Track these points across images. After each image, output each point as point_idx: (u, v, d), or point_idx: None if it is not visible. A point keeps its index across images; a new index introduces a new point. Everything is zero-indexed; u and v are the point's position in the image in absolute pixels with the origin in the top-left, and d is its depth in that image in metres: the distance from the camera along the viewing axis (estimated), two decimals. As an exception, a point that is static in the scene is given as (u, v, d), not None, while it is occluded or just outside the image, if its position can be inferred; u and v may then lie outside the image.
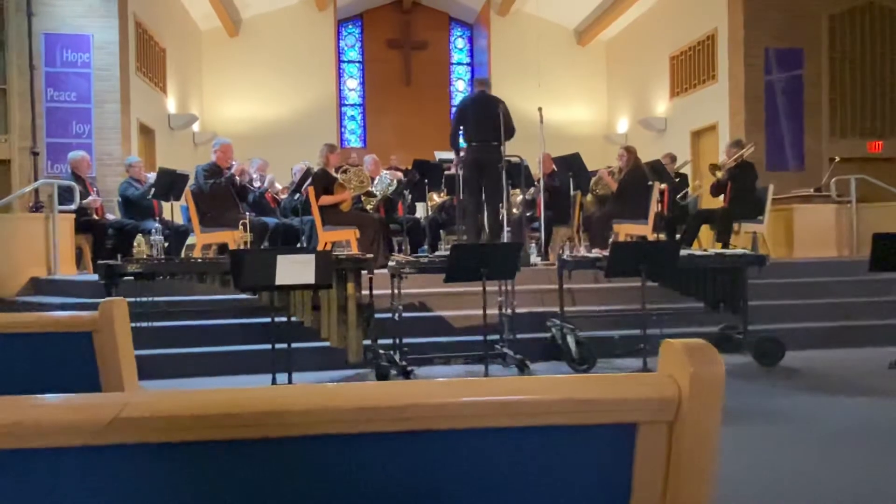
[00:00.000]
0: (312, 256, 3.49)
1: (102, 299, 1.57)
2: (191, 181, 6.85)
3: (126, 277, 4.27)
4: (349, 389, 0.75)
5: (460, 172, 6.45)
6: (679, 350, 0.76)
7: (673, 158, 8.47)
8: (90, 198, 6.78)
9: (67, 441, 0.68)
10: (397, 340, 4.39)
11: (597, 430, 0.76)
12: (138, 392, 0.97)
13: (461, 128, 6.42)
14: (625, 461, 0.77)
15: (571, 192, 7.06)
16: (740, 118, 9.20)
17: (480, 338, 4.28)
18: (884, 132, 9.50)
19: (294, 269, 3.45)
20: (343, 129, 13.59)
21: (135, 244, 6.83)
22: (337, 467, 0.74)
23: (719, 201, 7.43)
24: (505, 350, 4.59)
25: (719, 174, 7.04)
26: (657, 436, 0.77)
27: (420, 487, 0.75)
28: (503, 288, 4.75)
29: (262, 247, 6.44)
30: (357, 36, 13.78)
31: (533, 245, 7.09)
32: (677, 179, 8.19)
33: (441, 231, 7.81)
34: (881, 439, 3.14)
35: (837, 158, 8.32)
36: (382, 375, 4.27)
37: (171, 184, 6.66)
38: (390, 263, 4.47)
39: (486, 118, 6.19)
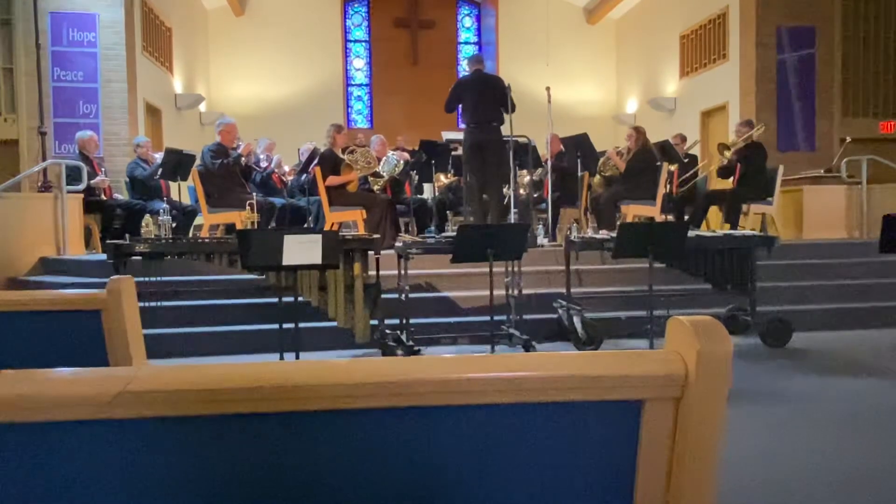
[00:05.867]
0: (319, 237, 3.49)
1: (110, 278, 1.58)
2: (197, 161, 6.85)
3: (134, 257, 4.29)
4: (356, 365, 0.75)
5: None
6: (686, 327, 0.75)
7: (683, 139, 8.40)
8: (98, 178, 6.80)
9: (74, 414, 0.68)
10: (404, 320, 4.40)
11: (603, 406, 0.76)
12: (145, 367, 0.97)
13: (459, 106, 6.34)
14: (630, 437, 0.77)
15: (579, 173, 7.02)
16: (751, 98, 9.09)
17: (487, 318, 4.29)
18: (896, 112, 9.37)
19: (301, 250, 3.45)
20: (350, 110, 13.53)
21: (143, 224, 6.85)
22: (343, 442, 0.74)
23: (728, 182, 7.37)
24: (511, 330, 4.59)
25: (728, 154, 6.98)
26: (663, 412, 0.77)
27: (426, 462, 0.75)
28: (510, 269, 4.75)
29: (269, 227, 6.45)
30: (364, 15, 13.66)
31: (540, 226, 7.07)
32: (686, 160, 8.13)
33: (448, 212, 7.79)
34: (889, 421, 3.14)
35: (849, 139, 8.22)
36: (389, 355, 4.29)
37: (178, 164, 6.67)
38: (397, 244, 4.47)
39: (484, 99, 6.10)
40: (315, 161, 6.67)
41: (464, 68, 13.86)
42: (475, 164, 6.17)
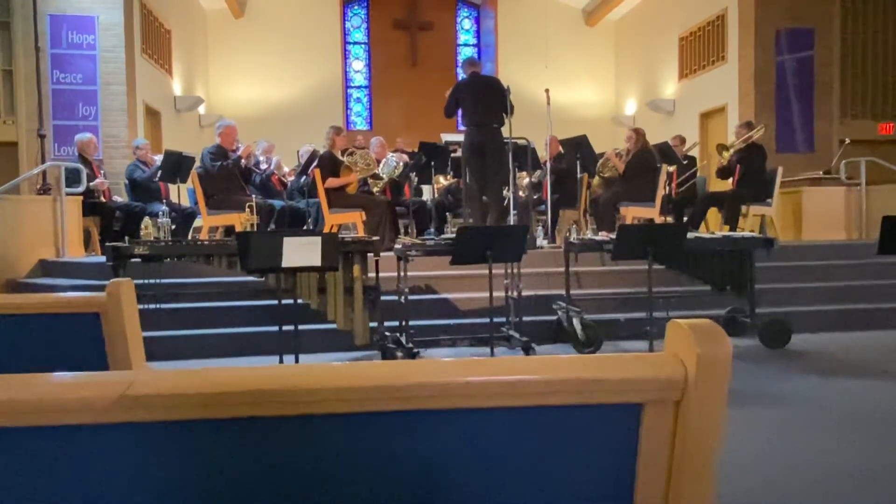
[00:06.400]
0: (318, 239, 3.49)
1: (110, 280, 1.58)
2: (197, 163, 6.85)
3: (133, 259, 4.29)
4: (355, 368, 0.75)
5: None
6: (685, 330, 0.76)
7: (682, 140, 8.41)
8: (97, 180, 6.80)
9: (75, 419, 0.68)
10: (403, 322, 4.40)
11: (602, 409, 0.76)
12: (145, 370, 0.97)
13: (459, 108, 6.35)
14: (630, 441, 0.77)
15: (578, 175, 7.03)
16: (750, 100, 9.11)
17: (486, 320, 4.29)
18: (895, 114, 9.39)
19: (300, 252, 3.45)
20: (349, 112, 13.53)
21: (142, 226, 6.84)
22: (342, 446, 0.74)
23: (728, 184, 7.38)
24: (511, 332, 4.59)
25: (727, 154, 6.99)
26: (663, 416, 0.77)
27: (426, 466, 0.75)
28: (509, 270, 4.75)
29: (268, 229, 6.45)
30: (363, 17, 13.67)
31: (539, 228, 7.07)
32: (685, 162, 8.14)
33: (447, 214, 7.79)
34: (888, 422, 3.14)
35: (847, 140, 8.24)
36: (389, 357, 4.29)
37: (177, 166, 6.66)
38: (396, 246, 4.47)
39: (483, 101, 6.10)
40: (314, 163, 6.67)
41: (461, 71, 13.88)
42: (475, 165, 6.18)
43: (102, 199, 6.85)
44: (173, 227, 6.40)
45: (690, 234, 4.59)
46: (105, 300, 1.53)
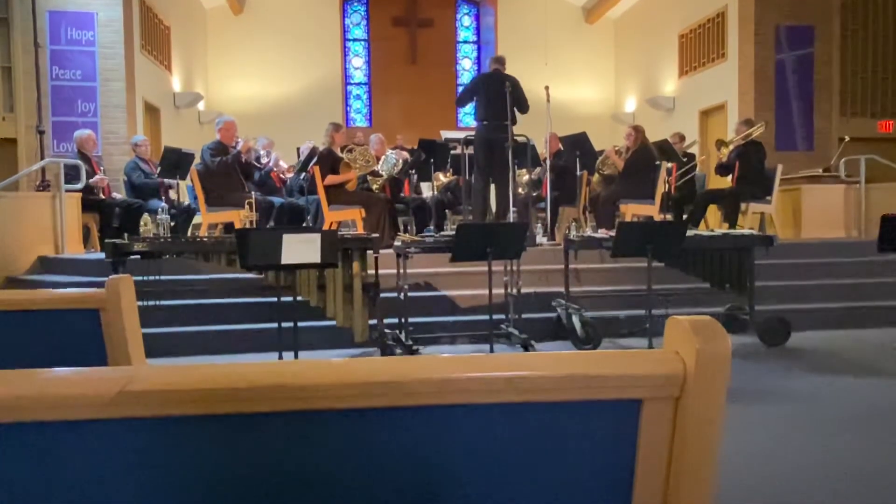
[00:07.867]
0: (318, 236, 3.48)
1: (109, 277, 1.58)
2: (196, 160, 6.84)
3: (133, 256, 4.28)
4: (355, 364, 0.75)
5: (468, 152, 6.43)
6: (685, 326, 0.75)
7: (682, 138, 8.40)
8: (97, 177, 6.79)
9: (73, 414, 0.68)
10: (403, 320, 4.40)
11: (601, 406, 0.76)
12: (144, 366, 0.97)
13: (473, 100, 6.42)
14: (629, 437, 0.77)
15: (578, 172, 7.02)
16: (749, 97, 9.10)
17: (486, 317, 4.29)
18: (895, 112, 9.38)
19: (300, 249, 3.45)
20: (349, 109, 13.52)
21: (141, 223, 6.85)
22: (342, 442, 0.74)
23: (727, 181, 7.38)
24: (510, 329, 4.60)
25: (725, 150, 6.98)
26: (662, 412, 0.77)
27: (425, 462, 0.75)
28: (509, 268, 4.75)
29: (267, 226, 6.44)
30: (362, 13, 13.65)
31: (539, 225, 7.07)
32: (685, 159, 8.14)
33: (447, 211, 7.79)
34: (886, 420, 3.14)
35: (847, 138, 8.23)
36: (388, 354, 4.29)
37: (176, 163, 6.66)
38: (396, 243, 4.47)
39: (498, 97, 6.14)
40: (314, 160, 6.67)
41: (463, 67, 13.88)
42: (482, 161, 6.21)
43: (102, 195, 6.84)
44: (172, 223, 6.39)
45: (690, 232, 4.59)
46: (104, 296, 1.53)
